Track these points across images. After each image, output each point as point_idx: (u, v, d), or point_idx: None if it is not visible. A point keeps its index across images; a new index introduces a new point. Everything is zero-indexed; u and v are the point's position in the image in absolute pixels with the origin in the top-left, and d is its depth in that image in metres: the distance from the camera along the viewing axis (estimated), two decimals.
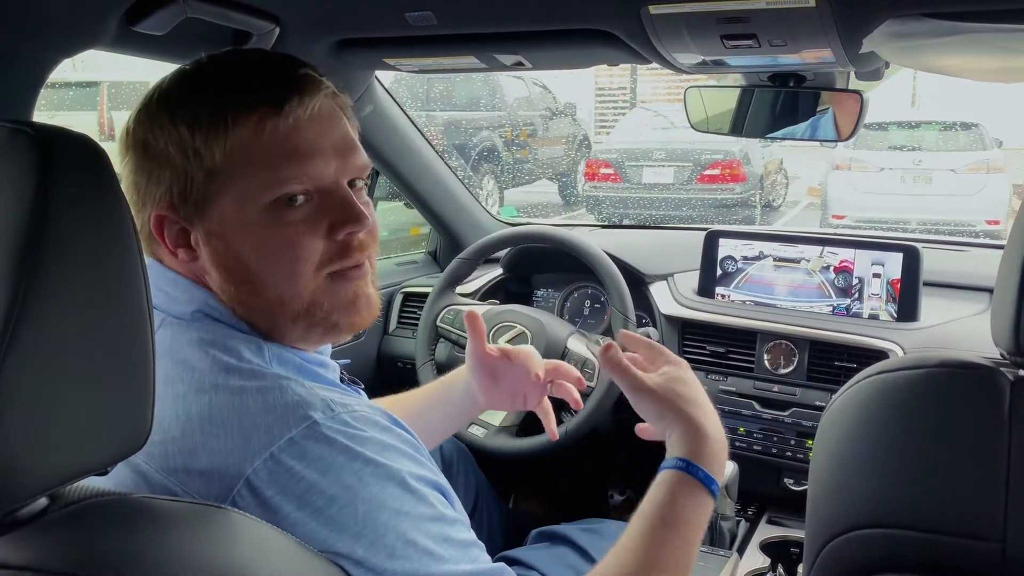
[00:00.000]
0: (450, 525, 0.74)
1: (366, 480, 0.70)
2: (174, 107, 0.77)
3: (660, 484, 0.86)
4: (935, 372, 0.77)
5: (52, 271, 0.53)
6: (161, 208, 0.77)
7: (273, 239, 0.76)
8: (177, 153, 0.76)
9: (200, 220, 0.77)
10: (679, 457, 0.86)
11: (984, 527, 0.72)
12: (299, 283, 0.78)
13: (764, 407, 1.71)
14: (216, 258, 0.77)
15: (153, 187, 0.77)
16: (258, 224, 0.76)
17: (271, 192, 0.75)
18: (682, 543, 0.82)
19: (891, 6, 1.01)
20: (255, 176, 0.75)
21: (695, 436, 0.88)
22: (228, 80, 0.79)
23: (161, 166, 0.77)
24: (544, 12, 1.20)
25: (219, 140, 0.75)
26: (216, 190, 0.76)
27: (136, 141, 0.78)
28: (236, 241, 0.77)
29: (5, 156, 0.53)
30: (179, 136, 0.76)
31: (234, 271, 0.77)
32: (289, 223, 0.76)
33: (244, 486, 0.68)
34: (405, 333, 2.09)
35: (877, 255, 1.67)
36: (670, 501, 0.84)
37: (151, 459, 0.72)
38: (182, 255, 0.79)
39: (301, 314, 0.79)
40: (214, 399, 0.72)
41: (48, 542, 0.55)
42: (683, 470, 0.85)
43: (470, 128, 8.84)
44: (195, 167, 0.75)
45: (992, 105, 7.73)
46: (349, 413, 0.73)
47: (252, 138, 0.75)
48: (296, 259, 0.77)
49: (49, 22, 1.01)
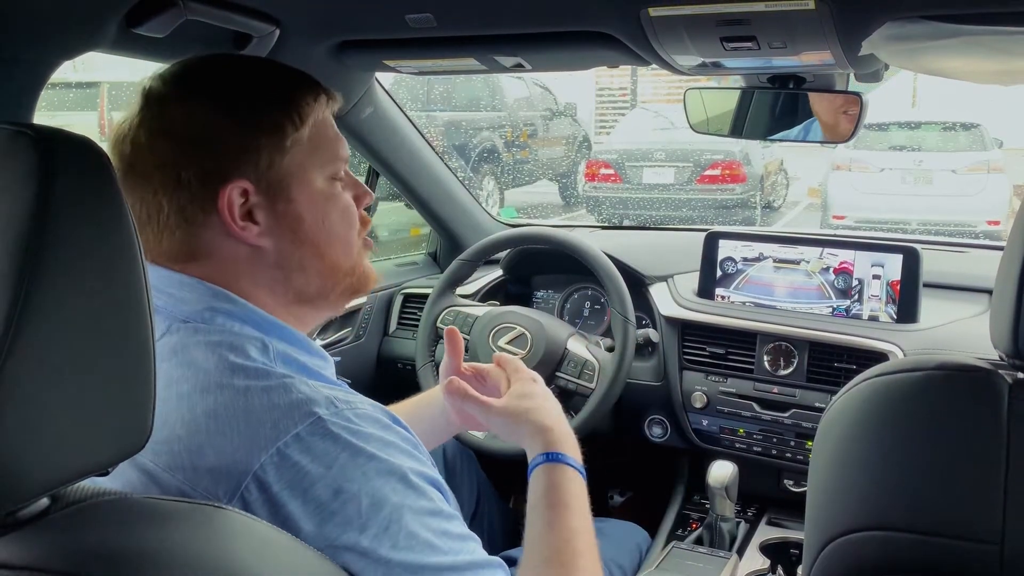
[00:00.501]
0: (448, 520, 0.76)
1: (369, 475, 0.72)
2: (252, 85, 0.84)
3: (535, 479, 0.94)
4: (934, 374, 0.78)
5: (53, 273, 0.53)
6: (237, 181, 0.80)
7: (336, 205, 0.87)
8: (266, 126, 0.81)
9: (277, 191, 0.82)
10: (541, 452, 0.96)
11: (982, 529, 0.72)
12: (352, 244, 0.89)
13: (764, 408, 1.71)
14: (290, 224, 0.83)
15: (227, 161, 0.80)
16: (324, 192, 0.86)
17: (333, 165, 0.87)
18: (578, 515, 0.90)
19: (890, 8, 1.02)
20: (325, 151, 0.86)
21: (542, 432, 0.97)
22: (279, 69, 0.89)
23: (240, 140, 0.80)
24: (544, 14, 1.20)
25: (303, 114, 0.84)
26: (296, 159, 0.83)
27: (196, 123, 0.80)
28: (309, 206, 0.84)
29: (6, 158, 0.54)
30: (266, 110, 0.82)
31: (305, 235, 0.84)
32: (341, 194, 0.88)
33: (252, 481, 0.70)
34: (405, 334, 2.09)
35: (877, 256, 1.67)
36: (550, 487, 0.92)
37: (158, 458, 0.73)
38: (249, 229, 0.82)
39: (347, 273, 0.89)
40: (219, 398, 0.74)
41: (49, 542, 0.55)
42: (547, 460, 0.95)
43: (470, 129, 8.85)
44: (282, 138, 0.82)
45: (992, 106, 7.73)
46: (352, 410, 0.75)
47: (323, 118, 0.86)
48: (351, 223, 0.89)
49: (49, 24, 1.01)
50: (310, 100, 0.85)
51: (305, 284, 0.86)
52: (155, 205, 0.80)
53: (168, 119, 0.80)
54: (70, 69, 1.13)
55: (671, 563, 1.51)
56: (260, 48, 1.27)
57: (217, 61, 0.87)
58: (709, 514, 1.66)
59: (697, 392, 1.77)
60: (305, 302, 0.87)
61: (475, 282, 2.06)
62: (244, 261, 0.83)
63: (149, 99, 0.82)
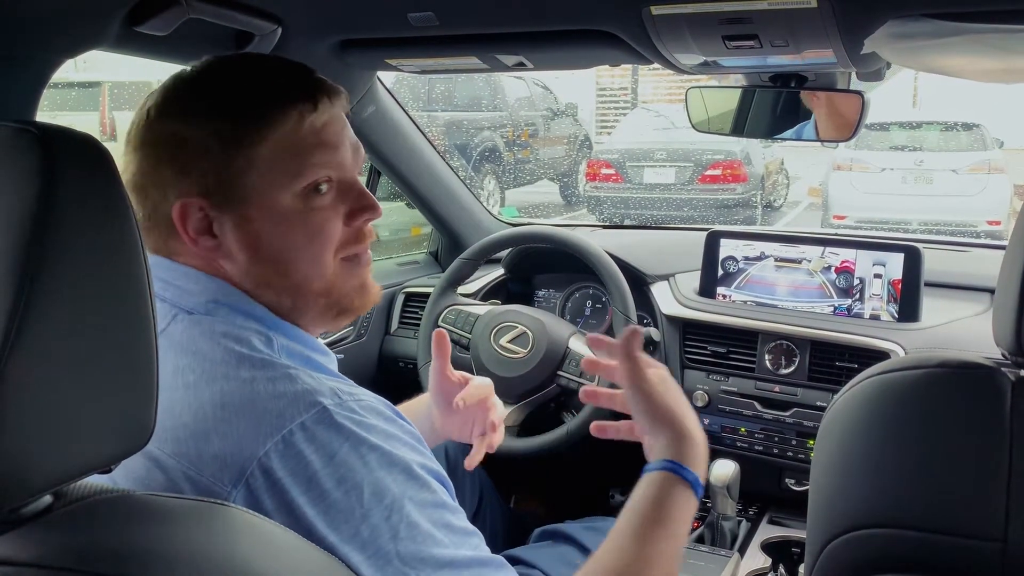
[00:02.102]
0: (452, 513, 0.76)
1: (372, 465, 0.72)
2: (211, 101, 0.81)
3: (650, 483, 0.90)
4: (936, 372, 0.78)
5: (56, 270, 0.53)
6: (190, 196, 0.79)
7: (303, 223, 0.82)
8: (216, 144, 0.79)
9: (232, 207, 0.80)
10: (667, 459, 0.91)
11: (985, 527, 0.72)
12: (322, 264, 0.83)
13: (765, 407, 1.71)
14: (247, 242, 0.81)
15: (181, 178, 0.79)
16: (290, 209, 0.81)
17: (304, 178, 0.81)
18: (672, 539, 0.86)
19: (892, 7, 1.01)
20: (292, 164, 0.80)
21: (683, 440, 0.93)
22: (264, 77, 0.84)
23: (196, 157, 0.79)
24: (545, 12, 1.20)
25: (262, 132, 0.79)
26: (255, 178, 0.80)
27: (165, 133, 0.80)
28: (268, 225, 0.81)
29: (9, 156, 0.54)
30: (219, 128, 0.79)
31: (265, 254, 0.81)
32: (317, 208, 0.82)
33: (257, 468, 0.70)
34: (407, 333, 2.09)
35: (878, 255, 1.67)
36: (660, 499, 0.88)
37: (163, 444, 0.74)
38: (203, 242, 0.81)
39: (321, 294, 0.84)
40: (225, 387, 0.74)
41: (53, 539, 0.55)
42: (672, 471, 0.90)
43: (471, 128, 8.85)
44: (236, 157, 0.79)
45: (993, 105, 7.73)
46: (356, 401, 0.76)
47: (292, 131, 0.80)
48: (323, 242, 0.83)
49: (52, 22, 1.01)
50: (275, 112, 0.80)
51: (276, 302, 0.83)
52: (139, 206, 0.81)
53: (147, 133, 0.81)
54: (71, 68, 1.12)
55: None
56: (262, 47, 1.27)
57: (205, 72, 0.84)
58: (711, 513, 1.66)
59: (699, 391, 1.77)
60: (286, 317, 0.84)
61: (476, 281, 2.06)
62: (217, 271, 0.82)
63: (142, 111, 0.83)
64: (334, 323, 0.89)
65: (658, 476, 0.90)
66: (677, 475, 0.89)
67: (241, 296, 0.82)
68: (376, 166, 1.98)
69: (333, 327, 0.91)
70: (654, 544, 0.84)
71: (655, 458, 0.92)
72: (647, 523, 0.86)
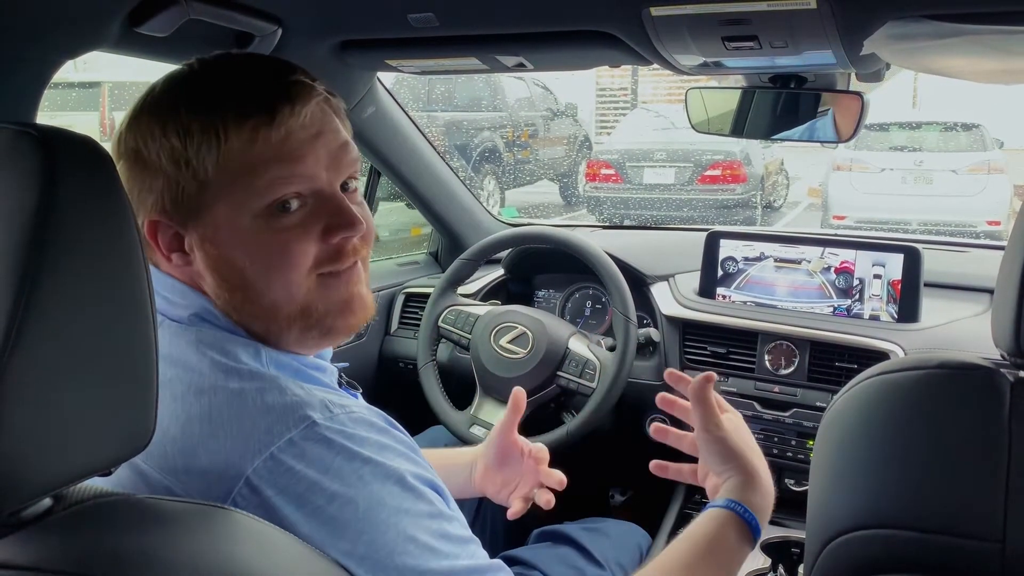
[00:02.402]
0: (448, 522, 0.75)
1: (365, 479, 0.71)
2: (165, 117, 0.77)
3: (712, 518, 0.91)
4: (935, 373, 0.78)
5: (56, 272, 0.53)
6: (154, 215, 0.78)
7: (266, 245, 0.76)
8: (169, 163, 0.76)
9: (194, 226, 0.77)
10: (734, 499, 0.92)
11: (984, 527, 0.72)
12: (292, 287, 0.78)
13: (765, 408, 1.71)
14: (210, 264, 0.78)
15: (146, 194, 0.77)
16: (252, 230, 0.76)
17: (264, 198, 0.75)
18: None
19: (892, 8, 1.02)
20: (248, 184, 0.75)
21: (753, 485, 0.94)
22: (219, 89, 0.78)
23: (153, 175, 0.77)
24: (545, 14, 1.20)
25: (211, 151, 0.75)
26: (210, 198, 0.76)
27: (128, 149, 0.78)
28: (229, 248, 0.77)
29: (9, 158, 0.54)
30: (171, 146, 0.75)
31: (228, 277, 0.77)
32: (283, 228, 0.77)
33: (244, 486, 0.69)
34: (407, 334, 2.09)
35: (878, 256, 1.67)
36: (719, 536, 0.89)
37: (150, 458, 0.72)
38: (176, 260, 0.79)
39: (296, 317, 0.79)
40: (213, 400, 0.73)
41: (52, 542, 0.55)
42: (738, 513, 0.91)
43: (471, 129, 8.85)
44: (187, 177, 0.75)
45: (993, 106, 7.73)
46: (347, 414, 0.74)
47: (245, 148, 0.75)
48: (290, 265, 0.77)
49: (52, 23, 1.01)
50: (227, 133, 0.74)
51: (250, 324, 0.79)
52: None
53: (116, 147, 0.80)
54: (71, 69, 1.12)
55: None
56: (262, 47, 1.27)
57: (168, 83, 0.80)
58: None
59: None
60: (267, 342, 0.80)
61: (476, 281, 2.06)
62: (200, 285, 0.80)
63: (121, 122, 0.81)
64: (320, 345, 0.84)
65: (720, 513, 0.91)
66: (740, 517, 0.90)
67: (221, 316, 0.79)
68: (376, 167, 1.98)
69: (324, 348, 0.86)
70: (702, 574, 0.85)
71: (722, 497, 0.93)
72: (699, 556, 0.87)
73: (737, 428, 0.98)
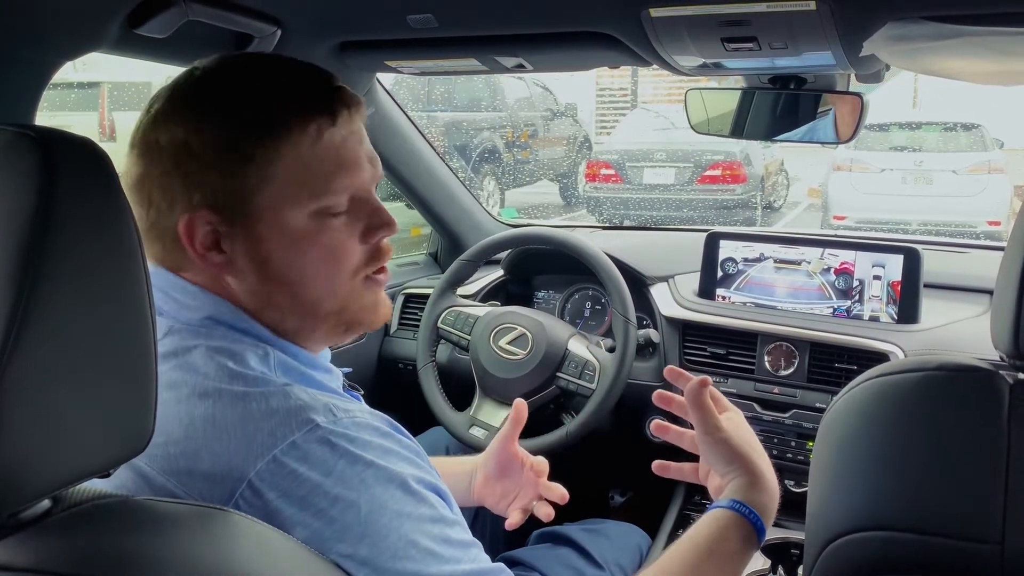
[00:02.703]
0: (450, 526, 0.75)
1: (368, 482, 0.71)
2: (226, 109, 0.76)
3: (715, 519, 0.90)
4: (934, 375, 0.78)
5: (55, 274, 0.53)
6: (198, 210, 0.76)
7: (317, 245, 0.78)
8: (228, 157, 0.75)
9: (243, 223, 0.77)
10: (738, 500, 0.91)
11: (983, 529, 0.72)
12: (336, 286, 0.81)
13: (764, 409, 1.71)
14: (256, 260, 0.78)
15: (191, 190, 0.76)
16: (304, 229, 0.77)
17: (322, 200, 0.77)
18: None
19: (891, 9, 1.02)
20: (308, 185, 0.77)
21: (757, 485, 0.93)
22: (283, 85, 0.79)
23: (205, 169, 0.75)
24: (545, 15, 1.20)
25: (278, 147, 0.75)
26: (267, 195, 0.76)
27: (175, 141, 0.76)
28: (280, 245, 0.77)
29: (8, 159, 0.54)
30: (232, 140, 0.75)
31: (274, 274, 0.78)
32: (332, 229, 0.79)
33: (247, 488, 0.69)
34: (406, 334, 2.09)
35: (877, 257, 1.67)
36: (722, 537, 0.88)
37: (153, 461, 0.72)
38: (211, 257, 0.78)
39: (332, 314, 0.82)
40: (217, 403, 0.73)
41: (51, 544, 0.55)
42: (742, 514, 0.90)
43: (471, 129, 8.85)
44: (248, 172, 0.75)
45: (993, 106, 7.73)
46: (351, 418, 0.74)
47: (309, 148, 0.76)
48: (338, 264, 0.80)
49: (51, 25, 1.01)
50: (294, 130, 0.75)
51: (280, 321, 0.80)
52: (142, 217, 0.78)
53: (153, 137, 0.77)
54: (71, 69, 1.12)
55: None
56: (261, 48, 1.27)
57: (216, 74, 0.79)
58: None
59: None
60: (288, 338, 0.81)
61: (476, 282, 2.06)
62: (221, 288, 0.80)
63: (148, 112, 0.79)
64: (340, 339, 0.86)
65: (724, 514, 0.90)
66: (744, 517, 0.90)
67: (240, 315, 0.79)
68: None
69: (338, 343, 0.88)
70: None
71: (726, 498, 0.93)
72: (702, 557, 0.87)
73: (739, 427, 0.98)
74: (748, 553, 0.90)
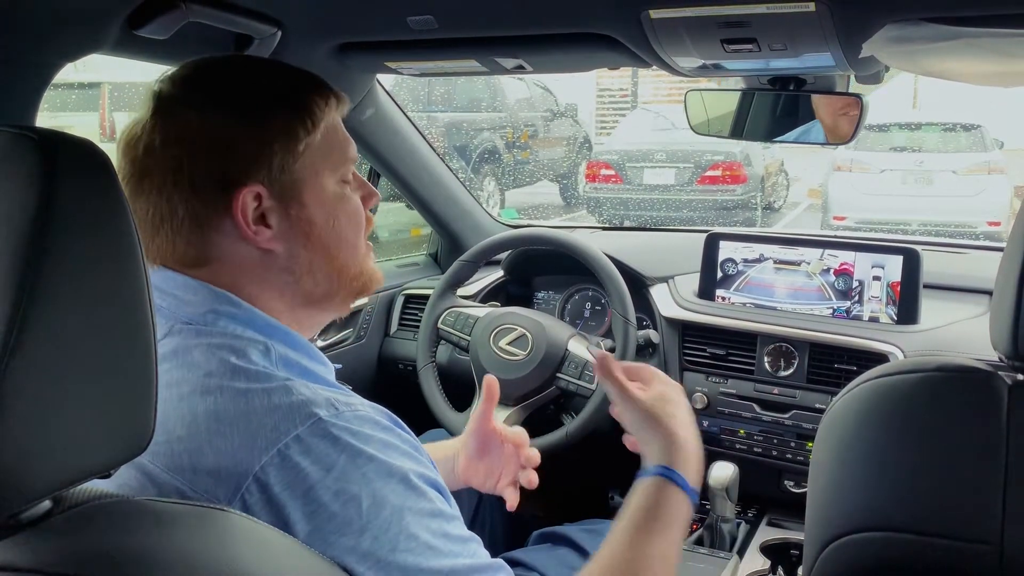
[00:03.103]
0: (448, 521, 0.76)
1: (369, 476, 0.72)
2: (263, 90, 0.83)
3: (643, 489, 0.92)
4: (933, 376, 0.78)
5: (55, 275, 0.53)
6: (251, 186, 0.80)
7: (345, 209, 0.87)
8: (280, 131, 0.81)
9: (292, 193, 0.82)
10: (660, 464, 0.93)
11: (982, 530, 0.72)
12: (359, 247, 0.89)
13: (764, 409, 1.71)
14: (302, 228, 0.83)
15: (242, 167, 0.80)
16: (335, 195, 0.86)
17: (345, 166, 0.87)
18: (667, 543, 0.88)
19: (890, 11, 1.02)
20: (336, 152, 0.86)
21: (673, 446, 0.95)
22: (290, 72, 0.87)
23: (255, 145, 0.80)
24: (545, 16, 1.20)
25: (318, 121, 0.84)
26: (308, 163, 0.83)
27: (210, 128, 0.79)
28: (320, 210, 0.84)
29: (8, 161, 0.54)
30: (280, 115, 0.82)
31: (317, 239, 0.84)
32: (350, 196, 0.88)
33: (253, 483, 0.70)
34: (406, 335, 2.09)
35: (877, 258, 1.68)
36: (654, 504, 0.90)
37: (156, 458, 0.73)
38: (262, 233, 0.81)
39: (355, 278, 0.89)
40: (219, 399, 0.74)
41: (52, 544, 0.55)
42: (664, 476, 0.92)
43: (471, 130, 8.85)
44: (296, 144, 0.82)
45: (993, 107, 7.73)
46: (353, 412, 0.75)
47: (333, 122, 0.86)
48: (359, 226, 0.89)
49: (52, 26, 1.02)
50: (321, 104, 0.84)
51: (314, 286, 0.86)
52: (168, 209, 0.79)
53: (182, 123, 0.79)
54: (71, 70, 1.12)
55: None
56: (262, 50, 1.27)
57: (226, 63, 0.86)
58: (709, 515, 1.66)
59: (697, 393, 1.77)
60: (312, 304, 0.87)
61: (476, 283, 2.06)
62: (255, 264, 0.83)
63: (161, 103, 0.81)
64: (349, 304, 0.93)
65: (650, 482, 0.92)
66: (669, 480, 0.91)
67: (245, 306, 0.81)
68: (375, 168, 1.98)
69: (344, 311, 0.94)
70: (649, 548, 0.86)
71: (646, 465, 0.94)
72: (641, 528, 0.87)
73: (660, 396, 1.00)
74: (683, 510, 0.91)
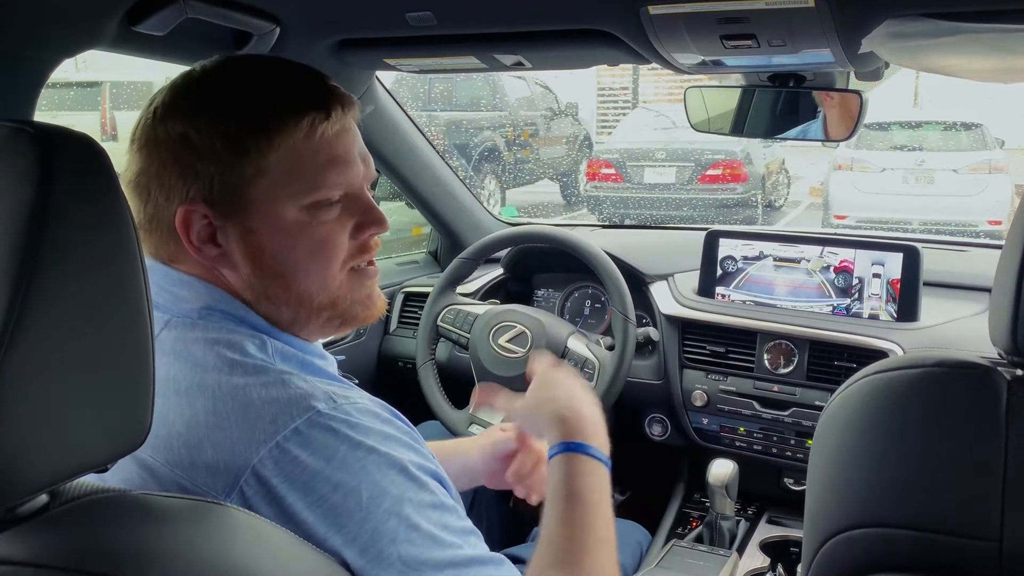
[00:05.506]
0: (449, 513, 0.76)
1: (369, 468, 0.72)
2: (224, 103, 0.78)
3: (551, 472, 0.91)
4: (932, 372, 0.78)
5: (53, 270, 0.53)
6: (195, 203, 0.77)
7: (309, 237, 0.80)
8: (224, 149, 0.77)
9: (237, 216, 0.78)
10: (558, 442, 0.92)
11: (981, 526, 0.72)
12: (327, 278, 0.82)
13: (764, 407, 1.71)
14: (249, 253, 0.79)
15: (189, 181, 0.77)
16: (296, 222, 0.79)
17: (314, 195, 0.79)
18: (594, 510, 0.86)
19: (890, 6, 1.02)
20: (301, 178, 0.78)
21: (561, 422, 0.94)
22: (279, 82, 0.81)
23: (201, 160, 0.77)
24: (544, 12, 1.20)
25: (271, 139, 0.77)
26: (261, 187, 0.78)
27: (174, 133, 0.77)
28: (272, 237, 0.79)
29: (6, 156, 0.54)
30: (229, 132, 0.77)
31: (267, 266, 0.80)
32: (323, 223, 0.80)
33: (251, 476, 0.70)
34: (406, 333, 2.09)
35: (877, 255, 1.67)
36: (567, 480, 0.89)
37: (156, 452, 0.73)
38: (207, 251, 0.79)
39: (326, 307, 0.83)
40: (218, 393, 0.74)
41: (49, 538, 0.55)
42: (566, 450, 0.91)
43: (472, 128, 8.84)
44: (243, 163, 0.77)
45: (994, 105, 7.72)
46: (351, 404, 0.75)
47: (303, 141, 0.78)
48: (328, 256, 0.82)
49: (50, 22, 1.01)
50: (289, 123, 0.77)
51: (275, 313, 0.82)
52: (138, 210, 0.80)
53: (152, 132, 0.79)
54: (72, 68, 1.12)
55: (671, 561, 1.52)
56: (261, 46, 1.27)
57: (215, 72, 0.82)
58: (709, 512, 1.66)
59: (697, 391, 1.77)
60: (286, 329, 0.83)
61: (476, 281, 2.06)
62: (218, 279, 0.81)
63: (149, 108, 0.81)
64: (336, 333, 0.89)
65: (555, 461, 0.91)
66: (574, 451, 0.91)
67: (236, 303, 0.81)
68: (375, 166, 1.98)
69: (334, 335, 0.90)
70: (577, 517, 0.85)
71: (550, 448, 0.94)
72: (564, 506, 0.86)
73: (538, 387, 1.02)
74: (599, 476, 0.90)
